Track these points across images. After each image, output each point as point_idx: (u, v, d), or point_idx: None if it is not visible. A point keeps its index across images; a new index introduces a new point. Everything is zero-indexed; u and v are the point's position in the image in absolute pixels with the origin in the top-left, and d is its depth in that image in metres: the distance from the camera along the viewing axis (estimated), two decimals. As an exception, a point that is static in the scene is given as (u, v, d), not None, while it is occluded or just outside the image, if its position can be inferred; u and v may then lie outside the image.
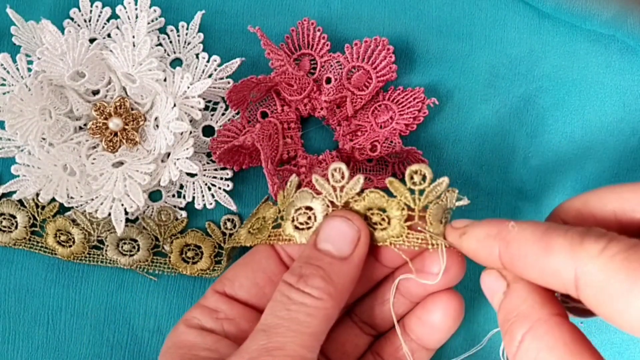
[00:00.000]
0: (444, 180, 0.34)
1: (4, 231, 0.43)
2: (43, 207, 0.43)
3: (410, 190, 0.35)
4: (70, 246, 0.43)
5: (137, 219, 0.43)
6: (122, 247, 0.43)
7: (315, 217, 0.36)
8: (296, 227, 0.36)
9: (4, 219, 0.43)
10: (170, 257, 0.43)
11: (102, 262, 0.43)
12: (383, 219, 0.35)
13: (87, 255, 0.43)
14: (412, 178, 0.34)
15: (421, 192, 0.35)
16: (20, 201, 0.43)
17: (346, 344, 0.39)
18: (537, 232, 0.30)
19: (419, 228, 0.35)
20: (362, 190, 0.35)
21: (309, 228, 0.36)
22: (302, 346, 0.32)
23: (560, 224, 0.30)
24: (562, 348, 0.28)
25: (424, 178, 0.34)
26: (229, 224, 0.44)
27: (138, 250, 0.43)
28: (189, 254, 0.43)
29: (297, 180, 0.38)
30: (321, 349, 0.33)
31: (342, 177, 0.35)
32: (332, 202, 0.36)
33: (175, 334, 0.36)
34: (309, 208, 0.36)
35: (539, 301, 0.30)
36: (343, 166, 0.35)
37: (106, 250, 0.43)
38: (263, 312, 0.34)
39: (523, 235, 0.30)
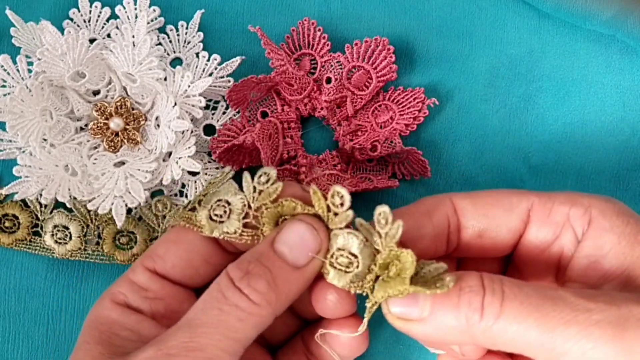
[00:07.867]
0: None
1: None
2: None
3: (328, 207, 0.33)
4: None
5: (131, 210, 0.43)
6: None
7: (229, 213, 0.35)
8: (210, 218, 0.35)
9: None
10: None
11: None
12: None
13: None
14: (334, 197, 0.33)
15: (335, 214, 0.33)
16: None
17: (275, 320, 0.38)
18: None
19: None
20: (276, 199, 0.34)
21: (221, 222, 0.35)
22: (224, 351, 0.30)
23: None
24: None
25: (342, 204, 0.33)
26: (159, 206, 0.43)
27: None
28: None
29: (232, 171, 0.37)
30: None
31: (267, 182, 0.34)
32: (248, 204, 0.35)
33: (100, 307, 0.34)
34: (228, 202, 0.35)
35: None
36: (272, 172, 0.34)
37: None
38: (196, 294, 0.32)
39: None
